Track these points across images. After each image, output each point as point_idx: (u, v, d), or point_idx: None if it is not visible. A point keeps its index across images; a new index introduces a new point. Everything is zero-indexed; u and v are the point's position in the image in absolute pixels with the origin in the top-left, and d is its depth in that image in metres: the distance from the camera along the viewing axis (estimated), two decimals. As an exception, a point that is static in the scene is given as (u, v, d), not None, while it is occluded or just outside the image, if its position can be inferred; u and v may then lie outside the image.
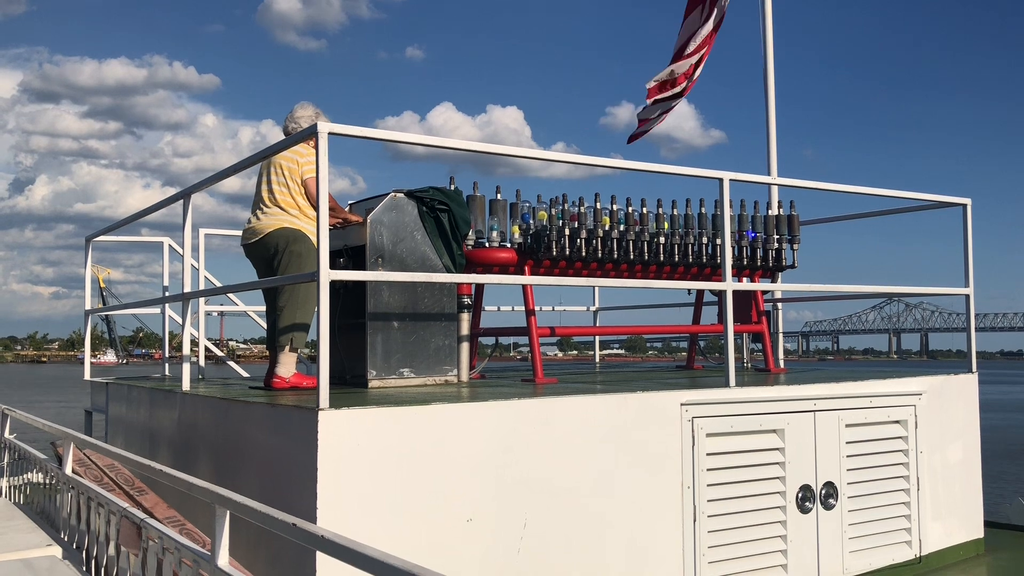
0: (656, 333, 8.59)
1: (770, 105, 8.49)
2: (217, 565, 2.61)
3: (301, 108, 5.27)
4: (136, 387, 6.29)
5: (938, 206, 6.59)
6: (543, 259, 5.70)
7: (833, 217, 7.92)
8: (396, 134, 4.39)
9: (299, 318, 4.94)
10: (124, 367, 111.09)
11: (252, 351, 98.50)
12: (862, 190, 6.17)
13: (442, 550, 3.79)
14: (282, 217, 5.02)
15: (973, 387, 6.37)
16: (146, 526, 3.11)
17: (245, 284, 5.53)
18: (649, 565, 4.49)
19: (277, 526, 2.33)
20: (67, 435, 4.45)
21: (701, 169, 5.28)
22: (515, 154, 4.88)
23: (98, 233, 7.44)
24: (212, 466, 4.63)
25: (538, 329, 5.76)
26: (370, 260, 4.94)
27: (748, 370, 7.28)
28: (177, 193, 5.34)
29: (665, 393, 4.71)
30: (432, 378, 5.09)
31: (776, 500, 5.02)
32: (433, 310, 5.11)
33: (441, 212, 5.18)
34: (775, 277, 7.05)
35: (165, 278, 7.48)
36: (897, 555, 5.59)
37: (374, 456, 3.69)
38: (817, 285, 6.17)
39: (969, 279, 6.37)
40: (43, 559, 3.68)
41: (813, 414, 5.25)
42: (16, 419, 5.52)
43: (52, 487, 4.62)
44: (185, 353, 5.17)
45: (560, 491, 4.19)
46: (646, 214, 6.06)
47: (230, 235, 8.20)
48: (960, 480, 6.14)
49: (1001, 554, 6.26)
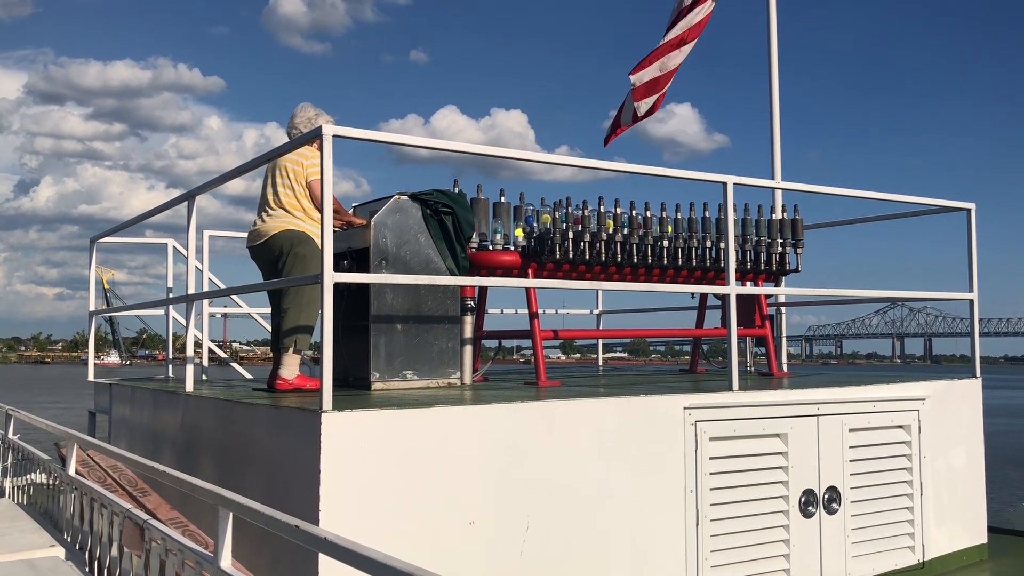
0: (659, 337, 8.59)
1: (774, 108, 8.49)
2: (220, 567, 2.61)
3: (302, 110, 5.29)
4: (139, 388, 6.30)
5: (942, 211, 6.58)
6: (547, 262, 5.70)
7: (837, 221, 7.91)
8: (400, 137, 4.40)
9: (303, 320, 4.95)
10: (128, 368, 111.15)
11: (256, 353, 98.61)
12: (866, 194, 6.16)
13: (444, 552, 3.79)
14: (287, 219, 5.03)
15: (977, 392, 6.36)
16: (149, 527, 3.11)
17: (248, 286, 5.54)
18: (651, 568, 4.48)
19: (279, 528, 2.34)
20: (70, 436, 4.45)
21: (705, 173, 5.28)
22: (519, 157, 4.88)
23: (102, 234, 7.46)
24: (215, 467, 4.64)
25: (541, 332, 5.75)
26: (374, 262, 4.94)
27: (751, 374, 7.27)
28: (181, 195, 5.35)
29: (668, 397, 4.70)
30: (435, 381, 5.09)
31: (779, 504, 5.01)
32: (436, 313, 5.12)
33: (445, 215, 5.18)
34: (778, 281, 7.05)
35: (169, 280, 7.49)
36: (900, 560, 5.57)
37: (377, 458, 3.69)
38: (821, 289, 6.17)
39: (973, 284, 6.36)
40: (46, 560, 3.69)
41: (816, 418, 5.24)
42: (20, 420, 5.53)
43: (55, 488, 4.62)
44: (188, 355, 5.18)
45: (563, 494, 4.19)
46: (650, 217, 6.06)
47: (234, 237, 8.21)
48: (964, 485, 6.13)
49: (1005, 560, 6.24)
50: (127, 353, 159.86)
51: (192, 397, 5.03)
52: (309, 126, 5.19)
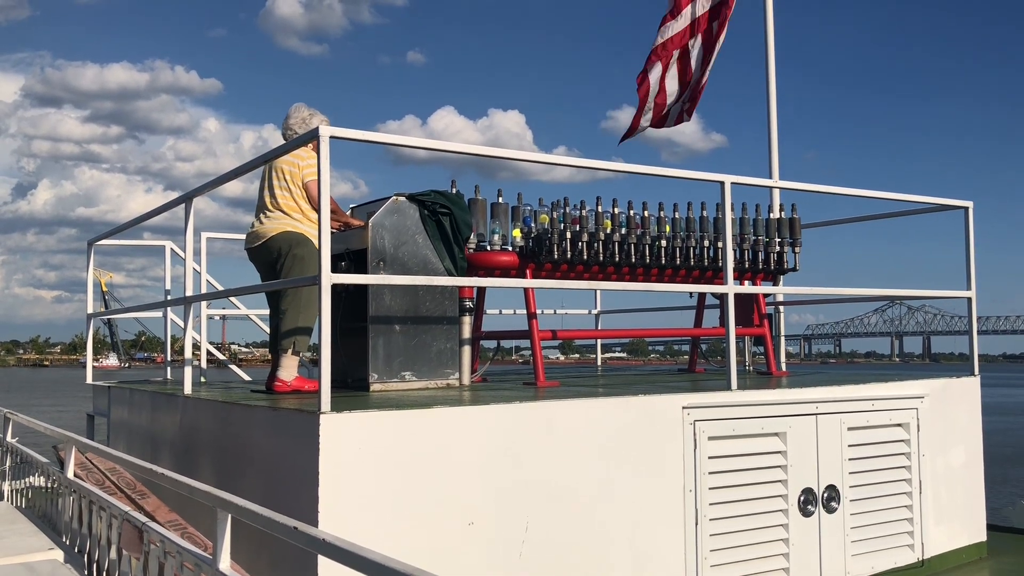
0: (658, 336, 8.59)
1: (772, 108, 8.49)
2: (219, 569, 2.61)
3: (296, 111, 5.28)
4: (138, 391, 6.29)
5: (940, 209, 6.58)
6: (545, 262, 5.70)
7: (835, 220, 7.91)
8: (398, 138, 4.41)
9: (301, 322, 4.94)
10: (126, 371, 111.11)
11: (254, 354, 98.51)
12: (864, 193, 6.16)
13: (443, 554, 3.79)
14: (285, 221, 5.03)
15: (975, 390, 6.36)
16: (148, 530, 3.11)
17: (246, 287, 5.54)
18: (651, 568, 4.48)
19: (278, 530, 2.33)
20: (69, 439, 4.45)
21: (703, 172, 5.28)
22: (517, 157, 4.89)
23: (100, 237, 7.45)
24: (214, 470, 4.63)
25: (540, 332, 5.75)
26: (372, 264, 4.94)
27: (750, 373, 7.27)
28: (179, 197, 5.35)
29: (667, 396, 4.70)
30: (434, 381, 5.09)
31: (778, 503, 5.01)
32: (435, 313, 5.11)
33: (443, 215, 5.18)
34: (777, 280, 7.05)
35: (167, 282, 7.48)
36: (899, 558, 5.58)
37: (375, 459, 3.69)
38: (819, 288, 6.17)
39: (971, 282, 6.37)
40: (45, 563, 3.69)
41: (815, 417, 5.24)
42: (18, 423, 5.52)
43: (54, 491, 4.62)
44: (187, 357, 5.18)
45: (562, 494, 4.19)
46: (647, 217, 6.05)
47: (232, 239, 8.21)
48: (962, 483, 6.13)
49: (1004, 558, 6.25)
50: (126, 355, 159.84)
51: (190, 399, 5.03)
52: (304, 127, 5.19)
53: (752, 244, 6.53)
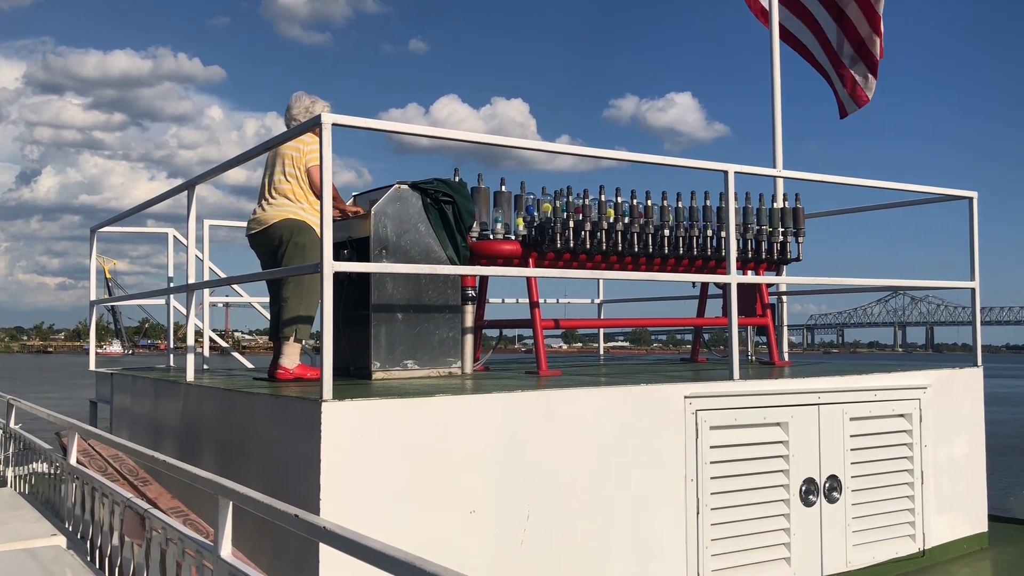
0: (660, 326, 8.59)
1: (776, 97, 8.46)
2: (220, 555, 2.61)
3: (298, 100, 5.26)
4: (141, 378, 6.30)
5: (944, 199, 6.56)
6: (547, 251, 5.69)
7: (838, 210, 7.88)
8: (400, 125, 4.39)
9: (303, 309, 4.94)
10: (130, 358, 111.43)
11: (257, 342, 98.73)
12: (868, 183, 6.14)
13: (445, 542, 3.80)
14: (287, 208, 5.02)
15: (978, 381, 6.35)
16: (150, 516, 3.12)
17: (249, 275, 5.53)
18: (652, 557, 4.49)
19: (279, 517, 2.33)
20: (72, 425, 4.46)
21: (706, 161, 5.25)
22: (520, 146, 4.86)
23: (103, 224, 7.45)
24: (216, 457, 4.64)
25: (542, 321, 5.74)
26: (374, 252, 4.93)
27: (752, 363, 7.27)
28: (182, 184, 5.34)
29: (669, 386, 4.70)
30: (436, 370, 5.09)
31: (780, 493, 5.01)
32: (437, 302, 5.11)
33: (445, 204, 5.17)
34: (780, 270, 7.03)
35: (170, 269, 7.49)
36: (901, 549, 5.58)
37: (377, 448, 3.69)
38: (822, 278, 6.15)
39: (975, 273, 6.34)
40: (48, 549, 3.70)
41: (817, 407, 5.24)
42: (21, 409, 5.54)
43: (57, 477, 4.63)
44: (189, 344, 5.18)
45: (563, 483, 4.19)
46: (651, 206, 6.04)
47: (235, 226, 8.19)
48: (964, 474, 6.13)
49: (1005, 548, 6.25)
50: (129, 342, 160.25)
51: (193, 387, 5.03)
52: (307, 115, 5.17)
53: (755, 233, 6.51)
